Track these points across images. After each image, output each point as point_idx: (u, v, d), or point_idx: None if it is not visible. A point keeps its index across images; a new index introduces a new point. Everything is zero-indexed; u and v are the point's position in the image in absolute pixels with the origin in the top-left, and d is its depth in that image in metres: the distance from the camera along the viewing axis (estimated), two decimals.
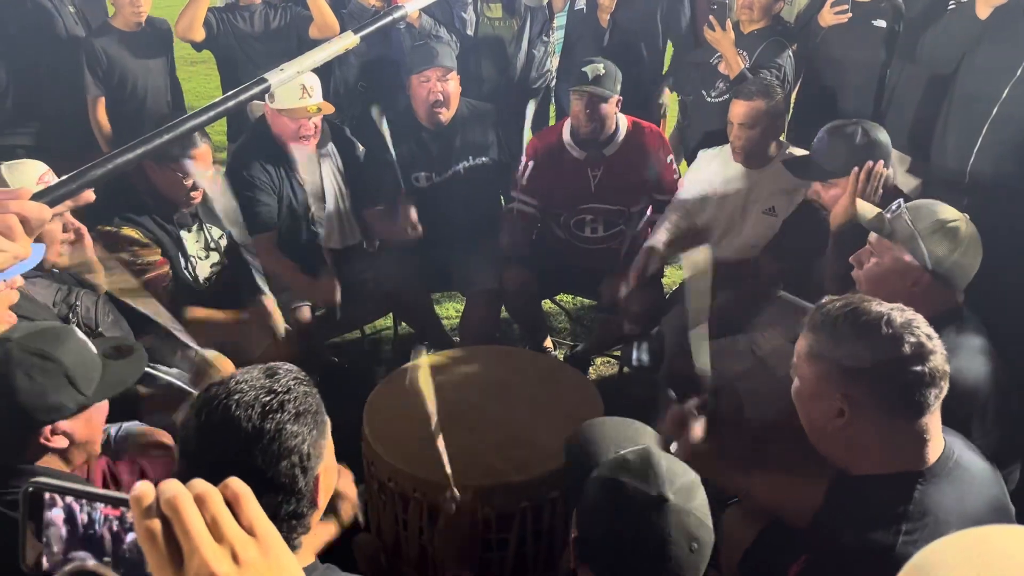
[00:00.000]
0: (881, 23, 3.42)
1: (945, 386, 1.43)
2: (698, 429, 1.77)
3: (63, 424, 1.51)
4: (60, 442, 1.52)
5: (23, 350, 1.48)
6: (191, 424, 1.21)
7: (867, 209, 2.12)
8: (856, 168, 2.36)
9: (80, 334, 1.61)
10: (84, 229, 2.35)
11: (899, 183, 2.66)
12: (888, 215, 1.99)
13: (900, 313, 1.46)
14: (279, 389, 1.22)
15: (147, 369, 1.83)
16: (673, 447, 1.70)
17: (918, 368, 1.40)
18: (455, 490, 1.80)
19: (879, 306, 1.47)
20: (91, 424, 1.58)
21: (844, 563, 1.45)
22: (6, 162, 2.23)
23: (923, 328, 1.44)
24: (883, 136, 2.45)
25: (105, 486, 1.84)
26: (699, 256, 1.92)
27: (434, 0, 2.17)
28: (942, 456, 1.46)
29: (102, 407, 1.62)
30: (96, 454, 1.64)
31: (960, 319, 1.92)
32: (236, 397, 1.20)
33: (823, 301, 1.55)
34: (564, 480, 1.69)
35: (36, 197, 0.92)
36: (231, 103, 1.12)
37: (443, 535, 1.83)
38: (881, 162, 2.36)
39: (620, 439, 1.47)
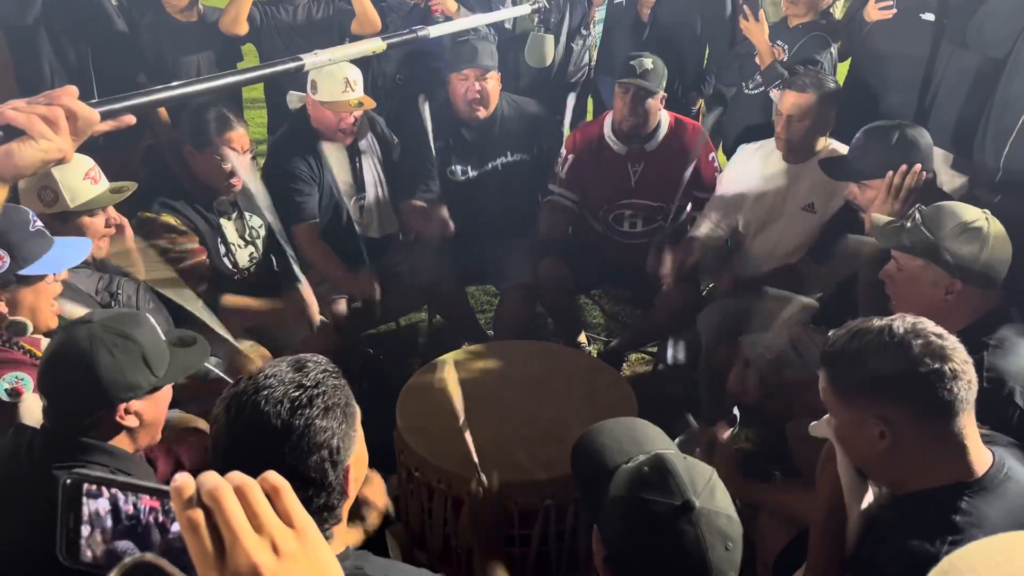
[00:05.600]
0: (929, 17, 3.33)
1: (974, 379, 1.39)
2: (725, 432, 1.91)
3: (135, 404, 1.59)
4: (132, 421, 1.59)
5: (106, 329, 1.56)
6: (221, 420, 1.21)
7: (880, 221, 2.07)
8: (891, 172, 2.30)
9: (152, 320, 1.68)
10: (125, 222, 2.41)
11: (943, 182, 2.58)
12: (907, 225, 1.94)
13: (901, 321, 1.44)
14: (308, 383, 1.21)
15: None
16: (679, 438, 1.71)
17: (936, 366, 1.37)
18: (482, 476, 1.81)
19: (879, 321, 1.46)
20: (159, 407, 1.66)
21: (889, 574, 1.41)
22: None
23: (930, 328, 1.42)
24: (923, 138, 2.37)
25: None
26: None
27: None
28: (991, 469, 1.42)
29: (167, 392, 1.69)
30: (158, 438, 1.71)
31: (1009, 318, 1.87)
32: (264, 393, 1.19)
33: (828, 336, 1.52)
34: (577, 491, 1.68)
35: None
36: (266, 71, 1.24)
37: (469, 523, 1.84)
38: (918, 166, 2.29)
39: (625, 443, 1.45)
